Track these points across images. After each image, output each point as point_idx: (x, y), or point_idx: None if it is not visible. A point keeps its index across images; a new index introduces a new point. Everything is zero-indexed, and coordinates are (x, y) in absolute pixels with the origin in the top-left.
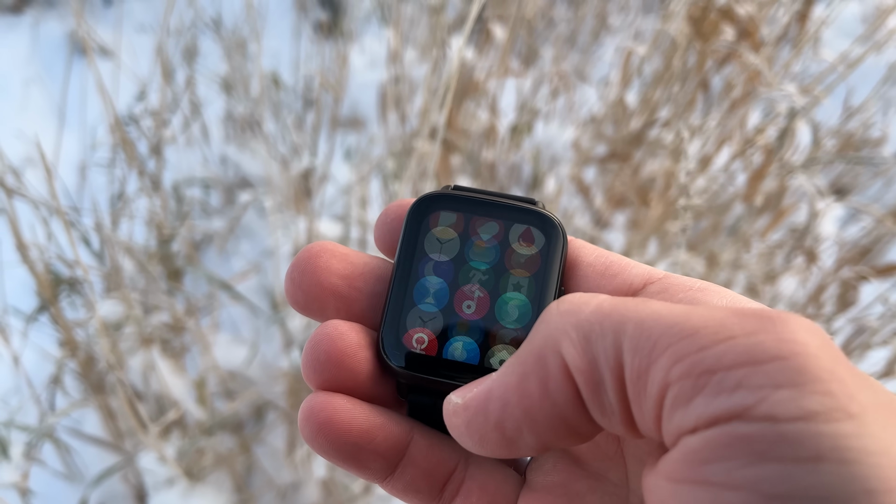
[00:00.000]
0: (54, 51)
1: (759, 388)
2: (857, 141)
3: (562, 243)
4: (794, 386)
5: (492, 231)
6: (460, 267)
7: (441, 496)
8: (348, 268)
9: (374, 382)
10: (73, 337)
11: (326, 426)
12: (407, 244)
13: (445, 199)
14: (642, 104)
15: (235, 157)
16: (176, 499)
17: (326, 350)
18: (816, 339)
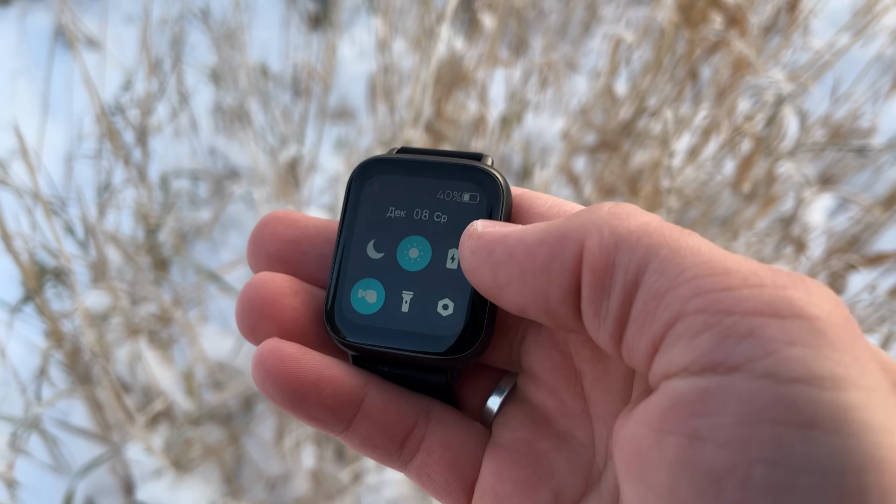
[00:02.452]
0: (41, 42)
1: (772, 340)
2: (846, 130)
3: (502, 198)
4: (807, 346)
5: (431, 191)
6: (402, 231)
7: (401, 452)
8: (294, 232)
9: (307, 330)
10: (59, 328)
11: (273, 372)
12: (349, 211)
13: (386, 163)
14: (631, 93)
15: (224, 149)
16: (164, 490)
17: (250, 298)
18: (843, 312)
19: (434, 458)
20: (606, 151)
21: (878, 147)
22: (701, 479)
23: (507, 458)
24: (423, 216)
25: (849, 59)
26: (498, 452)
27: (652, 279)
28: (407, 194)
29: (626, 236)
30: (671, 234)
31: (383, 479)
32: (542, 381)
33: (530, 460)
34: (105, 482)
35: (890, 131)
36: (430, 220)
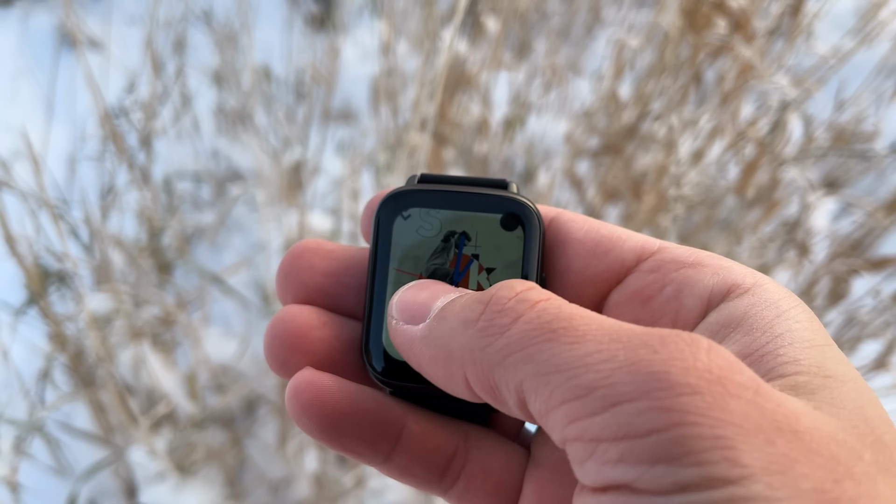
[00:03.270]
0: (44, 44)
1: (637, 463)
2: (850, 134)
3: (537, 228)
4: (669, 460)
5: (463, 224)
6: (434, 265)
7: (442, 480)
8: (332, 264)
9: (340, 361)
10: (63, 331)
11: (310, 406)
12: (377, 246)
13: (412, 196)
14: (635, 97)
15: (227, 151)
16: (167, 493)
17: (279, 333)
18: (704, 397)
19: (476, 485)
20: (610, 155)
21: (882, 152)
22: None
23: (549, 478)
24: (456, 250)
25: (853, 63)
26: (539, 472)
27: (531, 399)
28: (438, 227)
29: (495, 359)
30: (532, 343)
31: (386, 483)
32: None
33: (571, 479)
34: (108, 485)
35: (893, 136)
36: (461, 254)
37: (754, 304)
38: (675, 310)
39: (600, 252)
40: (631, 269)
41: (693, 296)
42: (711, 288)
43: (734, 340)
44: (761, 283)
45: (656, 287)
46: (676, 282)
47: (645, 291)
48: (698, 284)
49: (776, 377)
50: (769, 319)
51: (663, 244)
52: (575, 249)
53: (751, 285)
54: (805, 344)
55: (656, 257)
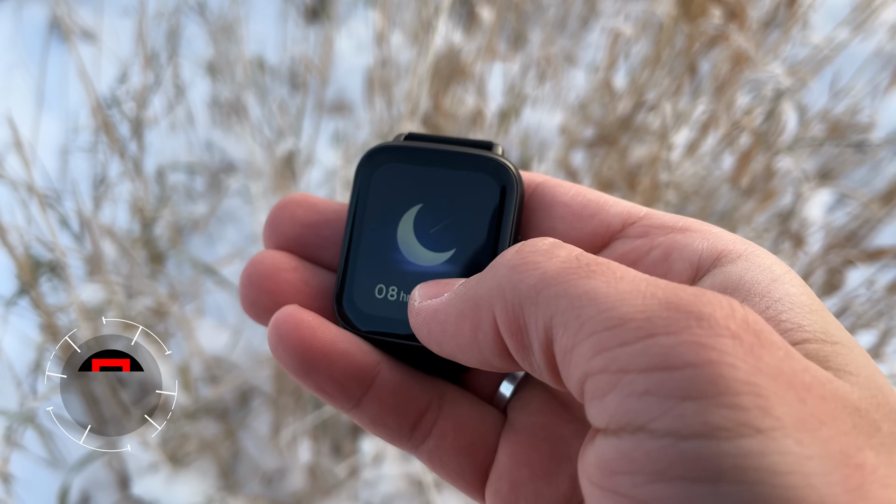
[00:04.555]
0: (36, 35)
1: (666, 397)
2: (845, 125)
3: (515, 191)
4: (701, 398)
5: (441, 182)
6: (411, 221)
7: (412, 434)
8: (313, 216)
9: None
10: (55, 321)
11: (287, 338)
12: (358, 198)
13: (394, 151)
14: (630, 88)
15: (220, 142)
16: (159, 484)
17: (249, 274)
18: (742, 343)
19: (447, 442)
20: (605, 146)
21: (877, 142)
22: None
23: (525, 443)
24: (434, 207)
25: (848, 53)
26: (515, 437)
27: (559, 335)
28: (418, 184)
29: (527, 293)
30: (569, 279)
31: (380, 473)
32: None
33: (549, 445)
34: (100, 477)
35: (889, 126)
36: (441, 211)
37: (748, 269)
38: (663, 272)
39: (586, 215)
40: (616, 233)
41: (682, 259)
42: (701, 252)
43: None
44: (751, 249)
45: (644, 250)
46: (664, 245)
47: (631, 255)
48: (687, 248)
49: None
50: (765, 284)
51: (650, 211)
52: (560, 212)
53: (742, 251)
54: (805, 309)
55: (643, 222)
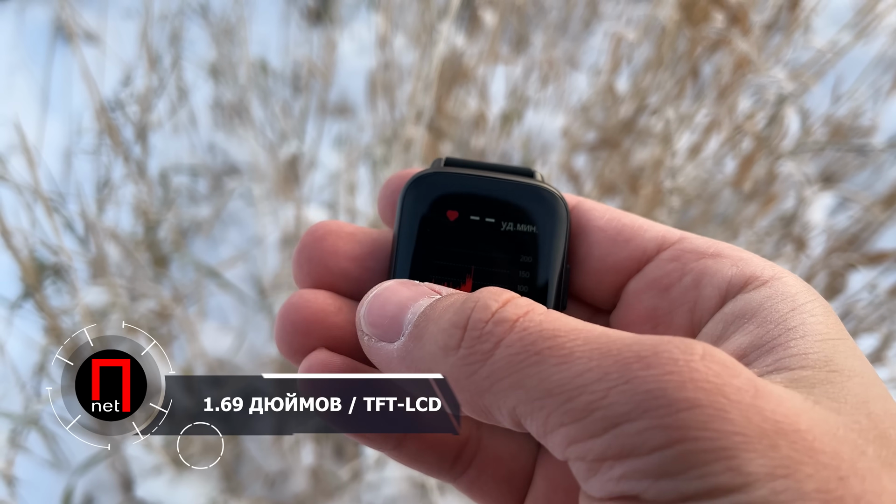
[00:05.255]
0: (40, 37)
1: (642, 479)
2: (847, 129)
3: (564, 219)
4: (675, 475)
5: (489, 210)
6: (461, 249)
7: (453, 467)
8: (357, 248)
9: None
10: (59, 324)
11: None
12: (401, 228)
13: (439, 179)
14: (632, 91)
15: (223, 144)
16: (163, 487)
17: (293, 320)
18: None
19: (488, 473)
20: (607, 149)
21: (879, 146)
22: None
23: (559, 468)
24: (486, 235)
25: (850, 57)
26: (550, 461)
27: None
28: (465, 213)
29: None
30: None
31: (383, 476)
32: None
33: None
34: (104, 479)
35: (891, 130)
36: (494, 239)
37: (770, 297)
38: (694, 299)
39: (621, 240)
40: (651, 257)
41: (711, 286)
42: (730, 279)
43: (747, 331)
44: (780, 275)
45: (676, 276)
46: (696, 271)
47: (664, 280)
48: (717, 275)
49: (781, 369)
50: (784, 312)
51: (684, 235)
52: (596, 237)
53: (769, 277)
54: (817, 337)
55: (677, 247)
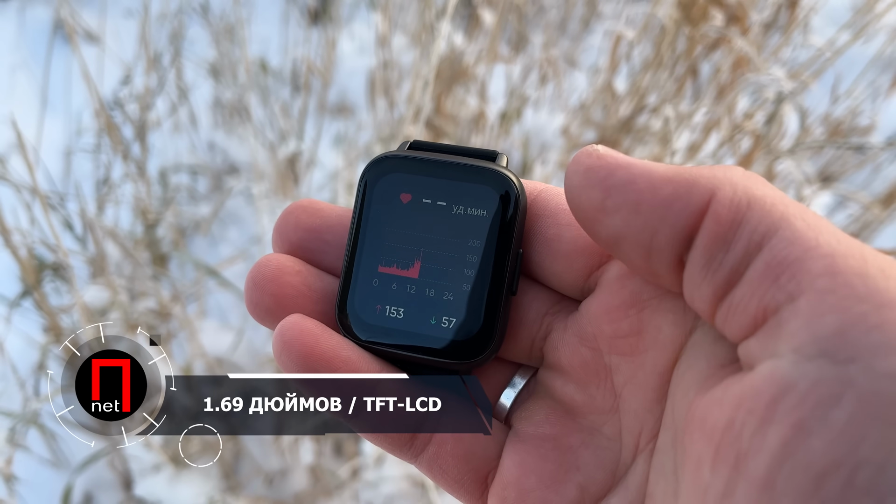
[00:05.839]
0: (40, 36)
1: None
2: (846, 128)
3: (515, 203)
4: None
5: (442, 194)
6: (412, 232)
7: (412, 443)
8: (317, 221)
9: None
10: (58, 322)
11: (291, 344)
12: (360, 208)
13: (398, 161)
14: (631, 90)
15: (223, 144)
16: (162, 485)
17: (254, 276)
18: None
19: (446, 450)
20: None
21: (878, 145)
22: (801, 474)
23: (533, 453)
24: (437, 218)
25: (849, 56)
26: (523, 446)
27: (781, 245)
28: (422, 194)
29: (761, 199)
30: (805, 210)
31: (382, 475)
32: (571, 376)
33: (557, 455)
34: (104, 477)
35: (889, 129)
36: (444, 223)
37: None
38: None
39: None
40: None
41: None
42: None
43: None
44: None
45: None
46: None
47: None
48: None
49: None
50: None
51: None
52: (566, 218)
53: None
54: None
55: None
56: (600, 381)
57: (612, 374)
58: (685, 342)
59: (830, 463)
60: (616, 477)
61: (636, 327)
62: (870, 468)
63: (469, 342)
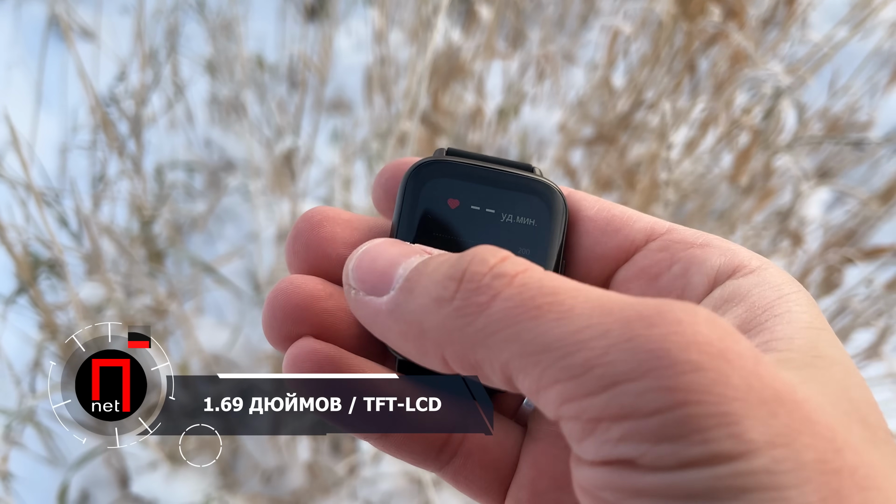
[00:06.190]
0: (36, 33)
1: (641, 441)
2: (844, 124)
3: (562, 213)
4: (675, 439)
5: (490, 201)
6: (459, 238)
7: (439, 456)
8: (354, 235)
9: (344, 334)
10: (54, 320)
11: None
12: (403, 216)
13: (441, 167)
14: (629, 86)
15: (220, 140)
16: (159, 483)
17: (281, 304)
18: (706, 369)
19: (473, 461)
20: (603, 144)
21: (876, 141)
22: None
23: (546, 453)
24: (486, 225)
25: (847, 52)
26: (536, 447)
27: (519, 378)
28: (470, 201)
29: (476, 338)
30: (517, 321)
31: (379, 471)
32: None
33: (568, 455)
34: (100, 474)
35: (887, 125)
36: (493, 230)
37: (758, 284)
38: (682, 286)
39: (611, 230)
40: (640, 247)
41: (700, 274)
42: (718, 267)
43: (735, 314)
44: (766, 266)
45: (665, 265)
46: (684, 260)
47: (653, 269)
48: (706, 263)
49: (768, 350)
50: (771, 299)
51: (672, 226)
52: (585, 227)
53: (756, 267)
54: (802, 325)
55: (665, 237)
56: None
57: None
58: None
59: None
60: None
61: None
62: None
63: None
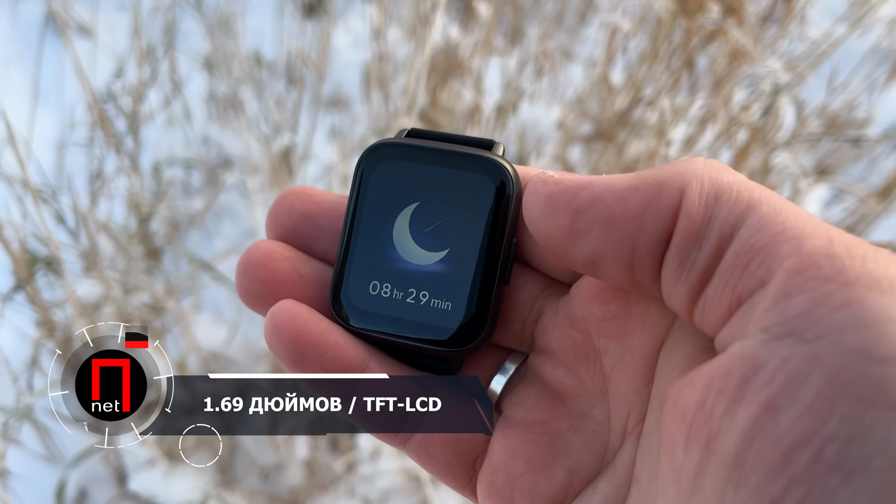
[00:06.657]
0: (33, 29)
1: (868, 313)
2: (842, 121)
3: (512, 191)
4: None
5: (441, 181)
6: (408, 219)
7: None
8: (310, 207)
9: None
10: (51, 317)
11: (281, 328)
12: (358, 194)
13: (395, 148)
14: (628, 83)
15: (217, 137)
16: (157, 480)
17: (244, 262)
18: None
19: (435, 437)
20: (602, 141)
21: (874, 138)
22: (770, 450)
23: (522, 438)
24: (432, 207)
25: (846, 49)
26: (512, 431)
27: (748, 233)
28: (417, 182)
29: (727, 188)
30: (770, 194)
31: (377, 469)
32: (561, 360)
33: (545, 440)
34: (98, 472)
35: (886, 122)
36: (439, 210)
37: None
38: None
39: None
40: None
41: None
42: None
43: None
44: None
45: None
46: None
47: None
48: None
49: None
50: None
51: None
52: None
53: None
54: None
55: None
56: (590, 364)
57: (601, 357)
58: (672, 324)
59: (798, 439)
60: (604, 460)
61: (624, 309)
62: (837, 443)
63: (461, 330)
